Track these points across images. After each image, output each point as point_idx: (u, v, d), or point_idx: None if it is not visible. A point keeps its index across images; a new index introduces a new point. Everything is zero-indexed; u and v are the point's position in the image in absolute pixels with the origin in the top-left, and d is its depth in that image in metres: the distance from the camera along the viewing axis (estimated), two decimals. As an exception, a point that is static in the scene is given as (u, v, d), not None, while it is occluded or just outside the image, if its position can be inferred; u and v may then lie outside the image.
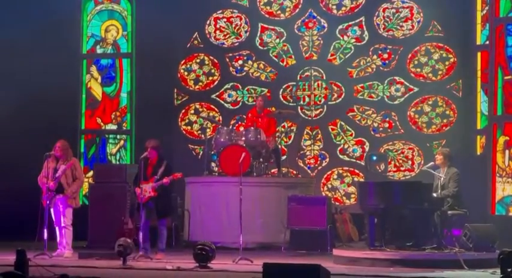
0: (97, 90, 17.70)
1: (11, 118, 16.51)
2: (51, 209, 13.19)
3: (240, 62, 17.60)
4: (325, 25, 17.29)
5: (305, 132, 17.23)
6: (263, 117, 15.58)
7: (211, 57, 17.75)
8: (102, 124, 17.63)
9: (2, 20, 16.66)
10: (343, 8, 17.27)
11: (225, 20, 17.74)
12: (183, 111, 17.75)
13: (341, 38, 17.18)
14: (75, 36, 17.64)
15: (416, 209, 12.23)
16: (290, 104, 17.23)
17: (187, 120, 17.75)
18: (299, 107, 17.25)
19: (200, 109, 17.72)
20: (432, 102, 16.76)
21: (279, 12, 17.54)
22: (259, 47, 17.54)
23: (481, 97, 15.98)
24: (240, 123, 17.25)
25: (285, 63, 17.43)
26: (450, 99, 16.66)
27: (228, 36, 17.72)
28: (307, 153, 17.20)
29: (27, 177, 14.49)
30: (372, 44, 17.05)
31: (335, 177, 17.06)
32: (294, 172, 16.15)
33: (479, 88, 16.06)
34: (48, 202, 13.08)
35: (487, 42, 15.34)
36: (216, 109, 17.66)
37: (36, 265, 10.43)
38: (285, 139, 16.63)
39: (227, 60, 17.65)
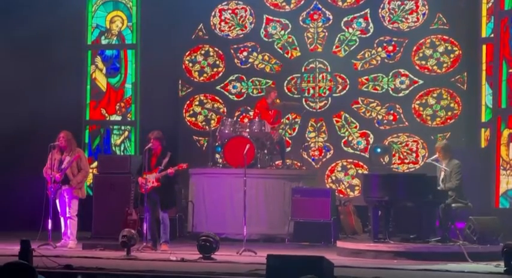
0: (102, 81, 17.67)
1: (15, 109, 16.52)
2: (57, 200, 13.20)
3: (245, 53, 17.58)
4: (330, 17, 17.26)
5: (309, 124, 17.21)
6: (272, 109, 15.60)
7: (216, 49, 17.73)
8: (106, 115, 17.61)
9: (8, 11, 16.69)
10: (348, 0, 17.23)
11: (230, 11, 17.72)
12: (188, 102, 17.76)
13: (346, 30, 17.16)
14: (80, 26, 17.62)
15: (420, 202, 12.22)
16: (295, 96, 17.21)
17: (191, 112, 17.75)
18: (304, 99, 17.23)
19: (205, 101, 17.72)
20: (437, 95, 16.73)
21: (284, 3, 17.50)
22: (264, 39, 17.52)
23: (485, 90, 15.95)
24: (244, 114, 17.26)
25: (289, 55, 17.40)
26: (455, 91, 16.64)
27: (233, 27, 17.70)
28: (312, 145, 17.19)
29: (32, 168, 14.52)
30: (377, 36, 17.01)
31: (339, 169, 17.05)
32: (298, 164, 16.16)
33: (484, 81, 16.03)
34: (53, 193, 13.10)
35: (492, 35, 15.31)
36: (220, 100, 17.66)
37: (40, 255, 10.44)
38: (289, 131, 16.61)
39: (232, 51, 17.64)
